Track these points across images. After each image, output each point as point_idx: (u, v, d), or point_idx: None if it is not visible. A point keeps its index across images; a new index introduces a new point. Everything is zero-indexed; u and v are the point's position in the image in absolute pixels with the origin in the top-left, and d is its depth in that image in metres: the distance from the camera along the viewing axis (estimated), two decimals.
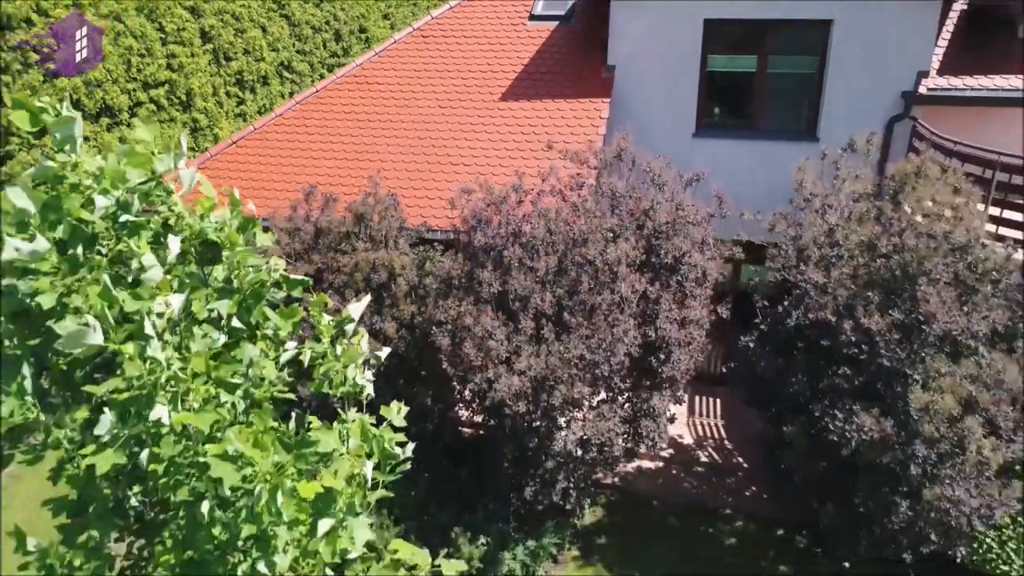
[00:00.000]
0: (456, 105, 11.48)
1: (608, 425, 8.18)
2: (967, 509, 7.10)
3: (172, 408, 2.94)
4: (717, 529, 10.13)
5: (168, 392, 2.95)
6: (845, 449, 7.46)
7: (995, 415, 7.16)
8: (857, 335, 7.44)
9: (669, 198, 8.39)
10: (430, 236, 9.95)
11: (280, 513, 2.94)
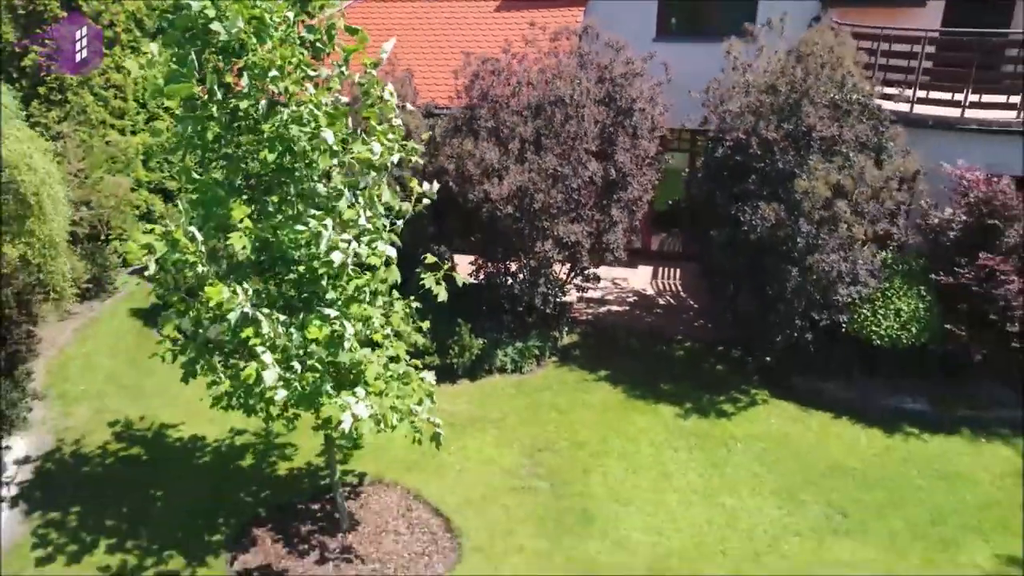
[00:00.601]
0: (459, 17, 14.00)
1: (577, 228, 10.69)
2: (838, 269, 9.60)
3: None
4: (670, 348, 12.57)
5: None
6: (753, 235, 9.96)
7: (860, 202, 9.67)
8: (761, 148, 9.96)
9: (624, 60, 10.91)
10: (436, 112, 12.42)
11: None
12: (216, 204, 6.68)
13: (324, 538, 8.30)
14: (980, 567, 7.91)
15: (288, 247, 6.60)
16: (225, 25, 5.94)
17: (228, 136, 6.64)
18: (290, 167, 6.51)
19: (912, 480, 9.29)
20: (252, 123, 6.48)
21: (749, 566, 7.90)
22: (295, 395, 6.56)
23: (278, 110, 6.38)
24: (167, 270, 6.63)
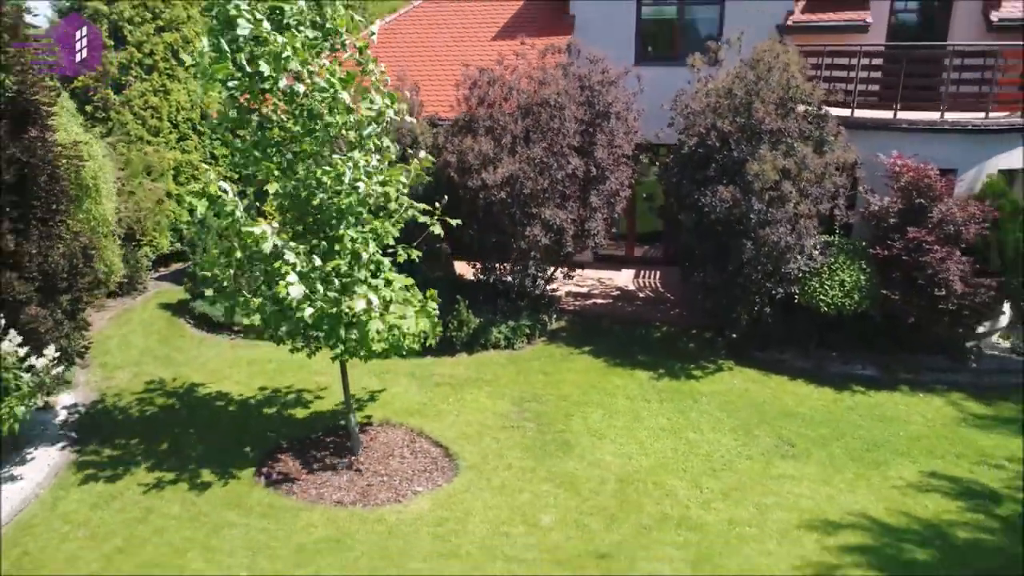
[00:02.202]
0: (462, 43, 15.86)
1: (563, 214, 12.23)
2: (786, 241, 11.09)
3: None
4: (648, 331, 13.93)
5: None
6: (714, 214, 11.48)
7: (804, 184, 11.23)
8: (719, 140, 11.58)
9: (602, 70, 12.63)
10: (439, 122, 14.11)
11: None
12: (252, 164, 8.23)
13: (337, 459, 9.56)
14: (904, 479, 9.15)
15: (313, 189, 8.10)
16: (245, 20, 7.51)
17: (257, 109, 8.17)
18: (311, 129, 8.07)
19: (854, 421, 10.58)
20: (279, 98, 8.03)
21: (706, 479, 9.14)
22: (320, 312, 7.97)
23: (296, 88, 7.92)
24: (207, 225, 8.13)
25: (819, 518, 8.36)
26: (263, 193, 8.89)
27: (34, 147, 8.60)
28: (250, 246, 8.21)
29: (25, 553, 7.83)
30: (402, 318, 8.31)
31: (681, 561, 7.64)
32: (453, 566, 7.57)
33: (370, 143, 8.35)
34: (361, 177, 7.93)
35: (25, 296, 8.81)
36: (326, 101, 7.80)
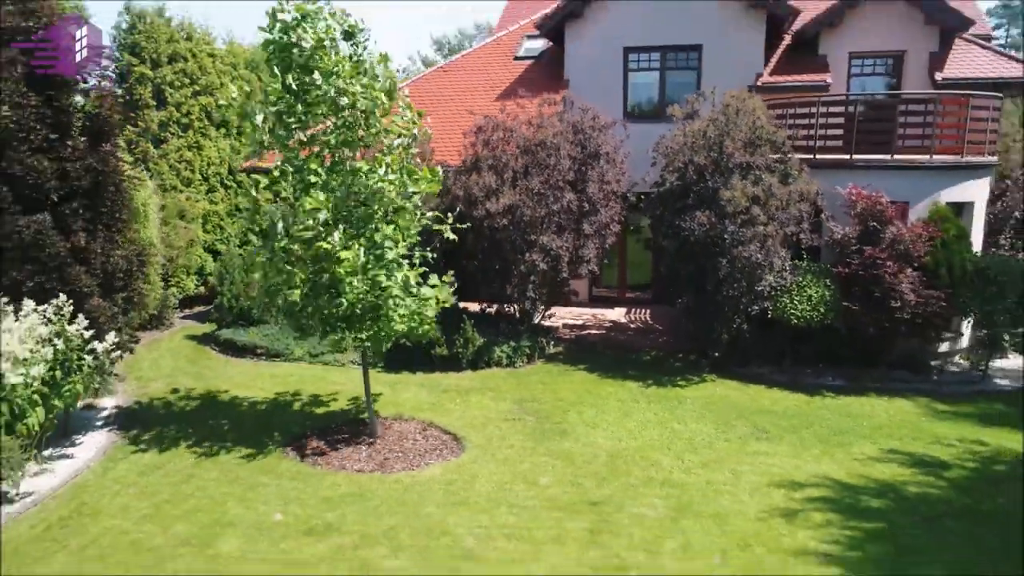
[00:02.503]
0: (468, 102, 17.73)
1: (559, 241, 13.68)
2: (756, 258, 12.49)
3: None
4: (638, 354, 15.17)
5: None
6: (693, 237, 12.93)
7: (772, 210, 12.74)
8: (696, 173, 13.17)
9: (592, 117, 14.37)
10: (447, 169, 15.73)
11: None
12: (299, 170, 9.72)
13: (358, 441, 10.64)
14: (866, 454, 10.22)
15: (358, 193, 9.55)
16: (303, 43, 9.13)
17: (306, 114, 9.67)
18: (352, 137, 9.59)
19: (823, 416, 11.70)
20: (328, 107, 9.58)
21: (688, 454, 10.20)
22: (361, 293, 9.26)
23: (341, 100, 9.48)
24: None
25: (787, 480, 9.41)
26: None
27: (108, 159, 10.11)
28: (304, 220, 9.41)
29: (82, 504, 8.83)
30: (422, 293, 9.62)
31: (664, 507, 8.66)
32: (463, 511, 8.58)
33: (395, 157, 9.83)
34: (387, 179, 9.38)
35: (89, 289, 10.12)
36: (369, 106, 9.29)
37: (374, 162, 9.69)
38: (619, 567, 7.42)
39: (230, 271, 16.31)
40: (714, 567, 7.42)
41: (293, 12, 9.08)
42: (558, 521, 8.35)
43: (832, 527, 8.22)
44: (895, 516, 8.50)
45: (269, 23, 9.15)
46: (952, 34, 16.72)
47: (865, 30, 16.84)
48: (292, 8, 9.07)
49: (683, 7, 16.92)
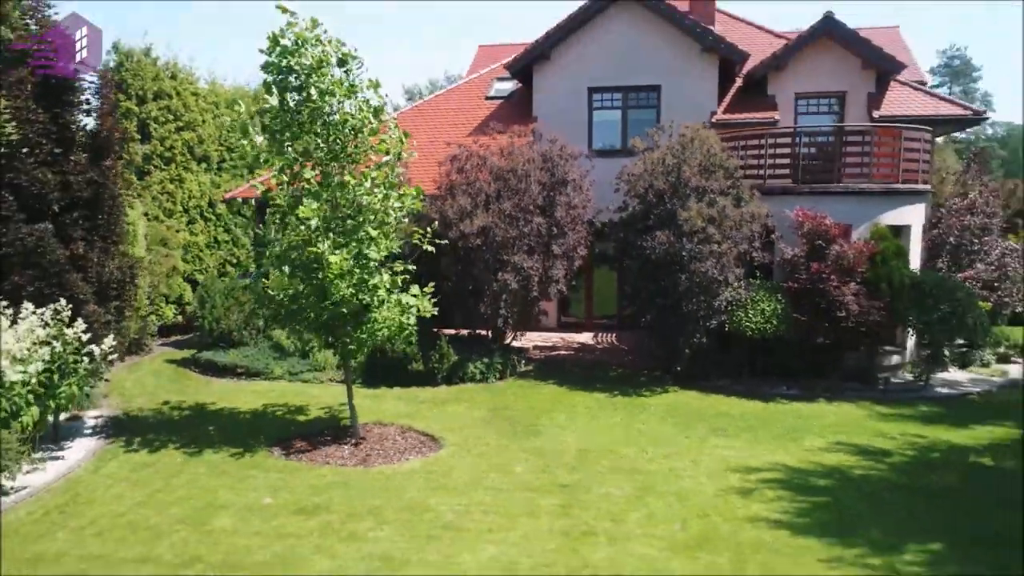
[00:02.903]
0: (443, 136, 18.73)
1: (530, 261, 14.53)
2: (712, 274, 13.46)
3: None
4: (605, 371, 15.95)
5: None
6: (654, 255, 13.88)
7: (726, 229, 13.77)
8: (656, 197, 14.21)
9: (560, 146, 15.41)
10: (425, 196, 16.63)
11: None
12: (294, 176, 10.48)
13: (340, 442, 11.17)
14: (815, 446, 11.04)
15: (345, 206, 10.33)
16: (303, 62, 10.00)
17: (300, 130, 10.46)
18: (341, 153, 10.41)
19: (777, 417, 12.54)
20: (320, 125, 10.39)
21: (651, 448, 10.91)
22: (349, 294, 9.95)
23: (332, 117, 10.33)
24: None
25: (743, 466, 10.17)
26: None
27: (108, 173, 10.79)
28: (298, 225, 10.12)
29: (77, 494, 9.24)
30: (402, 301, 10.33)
31: (629, 488, 9.34)
32: (442, 494, 9.16)
33: (380, 174, 10.64)
34: (372, 191, 10.18)
35: (85, 296, 10.68)
36: (358, 124, 10.13)
37: (361, 176, 10.49)
38: (587, 532, 8.06)
39: (211, 295, 16.87)
40: (675, 532, 8.10)
41: (293, 38, 9.94)
42: (531, 499, 8.98)
43: (783, 501, 8.97)
44: (839, 492, 9.29)
45: (269, 47, 9.98)
46: (887, 77, 18.23)
47: (808, 73, 18.29)
48: (292, 35, 9.93)
49: (643, 50, 18.25)
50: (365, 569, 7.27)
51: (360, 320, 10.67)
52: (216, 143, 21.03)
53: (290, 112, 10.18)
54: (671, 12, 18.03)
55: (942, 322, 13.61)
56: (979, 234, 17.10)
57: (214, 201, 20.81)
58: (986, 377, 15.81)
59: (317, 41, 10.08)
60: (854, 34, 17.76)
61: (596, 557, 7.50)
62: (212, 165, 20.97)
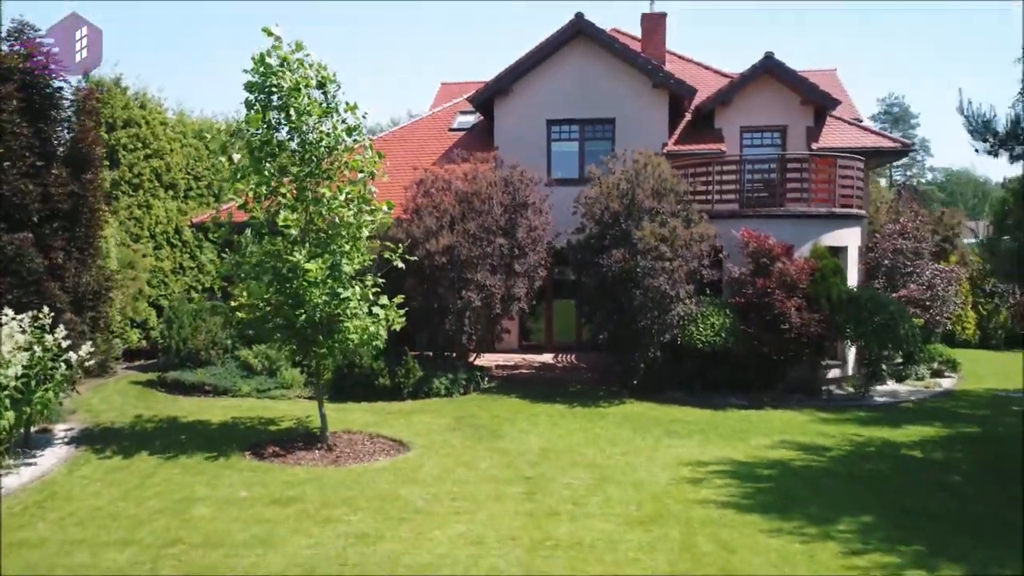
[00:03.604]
0: (408, 164, 19.47)
1: (493, 280, 15.21)
2: (665, 290, 14.31)
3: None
4: (565, 387, 16.60)
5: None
6: (610, 272, 14.70)
7: (678, 248, 14.67)
8: (611, 218, 15.08)
9: (521, 171, 16.26)
10: None
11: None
12: (271, 191, 11.04)
13: (311, 447, 11.56)
14: (761, 444, 11.79)
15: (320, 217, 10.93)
16: (283, 84, 10.67)
17: (278, 147, 11.08)
18: (316, 169, 11.03)
19: (727, 423, 13.30)
20: (297, 143, 11.02)
21: (609, 448, 11.53)
22: (324, 303, 10.48)
23: (309, 135, 10.98)
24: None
25: (694, 460, 10.85)
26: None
27: (88, 187, 11.22)
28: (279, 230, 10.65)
29: (54, 492, 9.46)
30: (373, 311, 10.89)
31: (589, 479, 9.93)
32: (411, 486, 9.63)
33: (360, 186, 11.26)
34: (346, 205, 10.80)
35: (62, 305, 11.01)
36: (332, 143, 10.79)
37: (336, 191, 11.10)
38: (550, 513, 8.62)
39: (179, 316, 17.14)
40: (631, 512, 8.70)
41: (277, 60, 10.60)
42: (497, 488, 9.51)
43: (730, 487, 9.65)
44: (782, 479, 10.02)
45: (254, 67, 10.62)
46: (824, 112, 19.60)
47: (752, 108, 19.56)
48: (277, 56, 10.59)
49: (598, 86, 19.36)
50: (342, 545, 7.71)
51: (332, 329, 11.19)
52: (183, 171, 21.43)
53: (271, 129, 10.80)
54: (624, 50, 19.22)
55: (876, 333, 14.62)
56: (911, 257, 18.33)
57: (180, 228, 21.14)
58: (921, 389, 16.86)
59: (300, 64, 10.76)
60: (792, 72, 19.13)
61: (558, 531, 8.06)
62: (179, 193, 21.32)
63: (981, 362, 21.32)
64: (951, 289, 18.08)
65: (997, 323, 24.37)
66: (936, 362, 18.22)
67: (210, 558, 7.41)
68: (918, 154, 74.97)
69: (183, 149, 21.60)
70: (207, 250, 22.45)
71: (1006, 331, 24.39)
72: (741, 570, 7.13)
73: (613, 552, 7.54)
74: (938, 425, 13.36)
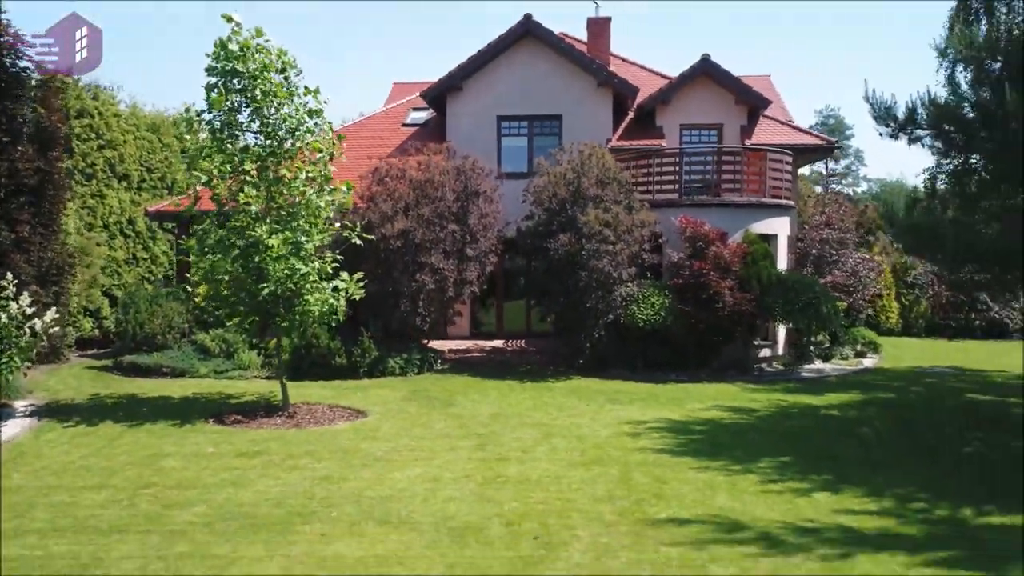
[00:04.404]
0: (368, 158, 20.07)
1: (447, 263, 15.93)
2: (608, 271, 15.24)
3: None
4: (516, 369, 17.37)
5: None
6: (557, 255, 15.57)
7: (621, 233, 15.62)
8: (559, 204, 15.98)
9: (472, 161, 17.04)
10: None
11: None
12: (234, 168, 11.58)
13: (273, 415, 12.09)
14: (696, 407, 12.76)
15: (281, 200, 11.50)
16: (249, 67, 11.26)
17: (240, 128, 11.62)
18: (278, 149, 11.62)
19: (666, 393, 14.27)
20: (259, 124, 11.59)
21: (556, 412, 12.34)
22: (284, 277, 11.05)
23: (272, 117, 11.57)
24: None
25: (634, 420, 11.74)
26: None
27: (54, 164, 11.59)
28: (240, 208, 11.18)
29: (23, 453, 9.82)
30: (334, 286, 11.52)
31: (536, 434, 10.72)
32: (371, 442, 10.27)
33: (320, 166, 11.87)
34: (307, 183, 11.42)
35: (27, 277, 11.36)
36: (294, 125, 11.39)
37: (296, 170, 11.70)
38: (500, 458, 9.39)
39: (135, 301, 17.40)
40: (575, 457, 9.52)
41: (239, 44, 11.16)
42: (451, 442, 10.24)
43: (665, 439, 10.57)
44: (713, 432, 10.99)
45: (215, 52, 11.17)
46: (757, 112, 20.89)
47: (691, 107, 20.74)
48: (238, 42, 11.16)
49: (545, 84, 20.28)
50: (308, 484, 8.33)
51: (294, 304, 11.76)
52: (137, 163, 21.61)
53: (233, 111, 11.36)
54: (570, 50, 20.20)
55: (802, 311, 15.81)
56: (837, 247, 19.69)
57: (134, 218, 21.30)
58: (845, 367, 18.15)
59: (261, 49, 11.35)
60: (727, 74, 20.36)
61: (508, 471, 8.82)
62: (133, 184, 21.49)
63: (902, 347, 22.87)
64: (871, 275, 19.48)
65: (918, 313, 26.08)
66: (860, 344, 19.59)
67: (185, 495, 7.95)
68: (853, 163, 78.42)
69: (136, 141, 21.78)
70: (160, 241, 22.65)
71: (926, 320, 26.12)
72: (671, 494, 8.00)
73: (557, 485, 8.34)
74: (856, 393, 14.57)
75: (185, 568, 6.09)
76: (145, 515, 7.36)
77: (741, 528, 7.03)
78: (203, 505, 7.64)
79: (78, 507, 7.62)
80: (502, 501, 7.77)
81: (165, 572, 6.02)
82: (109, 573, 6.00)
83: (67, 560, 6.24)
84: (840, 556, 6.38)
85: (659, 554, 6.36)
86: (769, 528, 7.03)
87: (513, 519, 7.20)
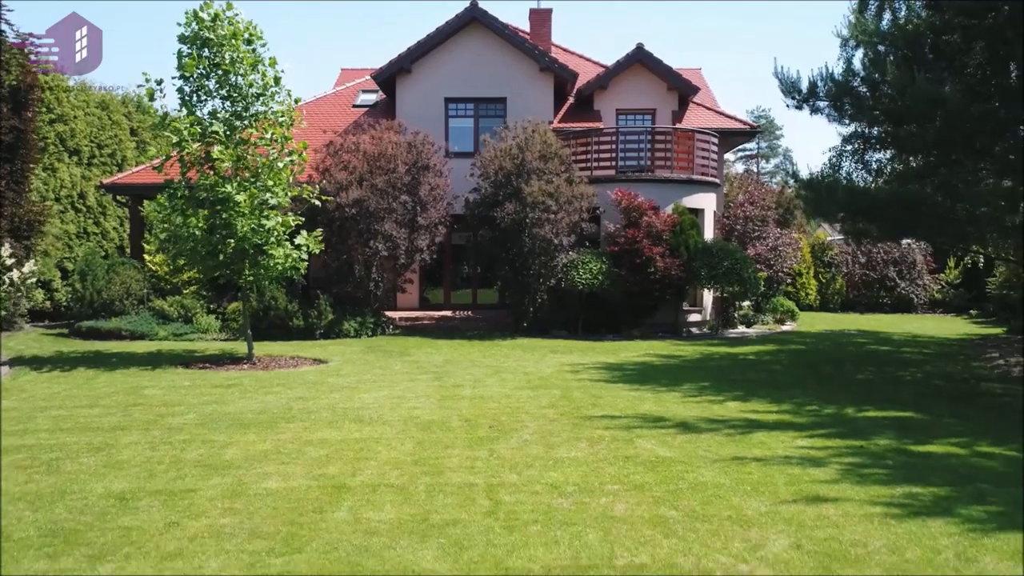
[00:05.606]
0: (323, 131, 20.87)
1: (399, 232, 16.94)
2: (549, 238, 16.50)
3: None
4: (465, 332, 18.49)
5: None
6: (503, 223, 16.75)
7: (563, 203, 16.90)
8: (504, 177, 17.16)
9: (423, 136, 18.08)
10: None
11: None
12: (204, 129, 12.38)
13: (238, 363, 12.93)
14: (629, 356, 14.13)
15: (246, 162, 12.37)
16: (219, 32, 12.09)
17: (207, 95, 12.44)
18: (244, 112, 12.48)
19: (601, 347, 15.61)
20: (227, 89, 12.43)
21: (503, 361, 13.52)
22: (246, 231, 11.92)
23: (238, 82, 12.42)
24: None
25: (574, 364, 13.02)
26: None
27: (28, 124, 12.18)
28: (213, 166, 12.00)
29: (5, 389, 10.49)
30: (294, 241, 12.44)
31: (486, 371, 11.89)
32: (335, 379, 11.26)
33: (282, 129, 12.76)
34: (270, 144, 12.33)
35: (1, 232, 11.95)
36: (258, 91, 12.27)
37: (261, 131, 12.58)
38: (455, 385, 10.53)
39: (92, 268, 17.86)
40: (521, 384, 10.72)
41: (211, 14, 11.98)
42: (410, 376, 11.32)
43: (602, 374, 11.87)
44: (643, 370, 12.35)
45: (187, 22, 11.97)
46: (687, 99, 22.50)
47: (626, 93, 22.20)
48: (210, 12, 11.98)
49: (490, 68, 21.44)
50: (285, 401, 9.31)
51: (257, 260, 12.63)
52: (87, 139, 21.91)
53: (203, 77, 12.18)
54: (514, 36, 21.41)
55: (725, 275, 17.37)
56: (759, 224, 21.41)
57: (85, 193, 21.61)
58: (766, 331, 19.86)
59: (231, 21, 12.20)
60: (659, 62, 21.89)
61: (463, 393, 9.98)
62: (83, 159, 21.77)
63: (819, 318, 24.85)
64: (790, 250, 21.28)
65: (834, 290, 28.22)
66: (780, 312, 21.37)
67: (174, 410, 8.84)
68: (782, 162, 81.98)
69: (87, 117, 22.06)
70: (111, 217, 22.97)
71: (842, 297, 28.28)
72: (605, 404, 9.27)
73: (508, 400, 9.53)
74: (772, 345, 16.20)
75: (188, 449, 7.04)
76: (141, 421, 8.24)
77: (663, 420, 8.34)
78: (193, 414, 8.56)
79: (76, 418, 8.44)
80: (460, 409, 8.91)
81: (172, 451, 6.96)
82: (123, 454, 6.90)
83: (81, 446, 7.11)
84: (741, 433, 7.75)
85: (595, 434, 7.61)
86: (686, 419, 8.37)
87: (471, 417, 8.36)
